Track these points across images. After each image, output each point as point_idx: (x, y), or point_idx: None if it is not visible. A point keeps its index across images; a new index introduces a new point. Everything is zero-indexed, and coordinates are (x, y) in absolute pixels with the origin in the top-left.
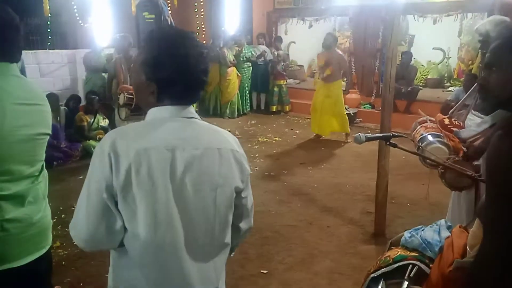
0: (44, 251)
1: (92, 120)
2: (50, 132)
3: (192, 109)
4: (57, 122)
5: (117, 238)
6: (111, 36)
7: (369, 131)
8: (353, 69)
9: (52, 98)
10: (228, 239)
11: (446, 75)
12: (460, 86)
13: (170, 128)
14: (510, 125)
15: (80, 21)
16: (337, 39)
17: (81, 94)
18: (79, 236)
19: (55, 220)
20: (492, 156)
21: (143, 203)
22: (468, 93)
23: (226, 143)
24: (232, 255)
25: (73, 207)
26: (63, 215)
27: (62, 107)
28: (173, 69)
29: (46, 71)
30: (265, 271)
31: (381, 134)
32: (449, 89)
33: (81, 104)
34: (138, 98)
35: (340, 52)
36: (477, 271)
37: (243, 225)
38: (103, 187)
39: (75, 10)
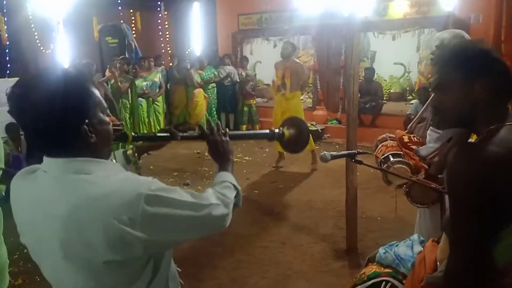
0: None
1: None
2: (3, 166)
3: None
4: (18, 152)
5: None
6: (73, 62)
7: (337, 146)
8: (318, 86)
9: (13, 127)
10: None
11: (408, 88)
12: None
13: None
14: (465, 140)
15: (41, 47)
16: (295, 47)
17: None
18: None
19: (16, 256)
20: (450, 174)
21: None
22: (424, 107)
23: None
24: None
25: None
26: (25, 250)
27: (23, 137)
28: None
29: (5, 100)
30: None
31: (346, 152)
32: (411, 102)
33: None
34: None
35: (299, 61)
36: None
37: None
38: None
39: (36, 36)
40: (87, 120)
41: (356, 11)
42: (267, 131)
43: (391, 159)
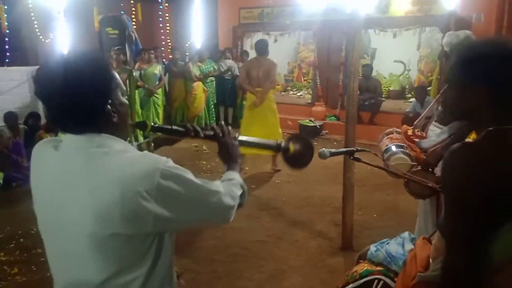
0: None
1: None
2: None
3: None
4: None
5: None
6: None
7: (335, 143)
8: (318, 82)
9: (11, 116)
10: None
11: (407, 86)
12: None
13: None
14: (464, 136)
15: (41, 37)
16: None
17: (42, 112)
18: None
19: (12, 245)
20: (445, 170)
21: None
22: (430, 106)
23: None
24: None
25: (33, 231)
26: (21, 240)
27: (22, 126)
28: None
29: (4, 89)
30: None
31: (345, 149)
32: (410, 100)
33: (41, 122)
34: None
35: (272, 59)
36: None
37: None
38: None
39: (36, 26)
40: (110, 101)
41: (359, 8)
42: (274, 142)
43: (394, 149)
